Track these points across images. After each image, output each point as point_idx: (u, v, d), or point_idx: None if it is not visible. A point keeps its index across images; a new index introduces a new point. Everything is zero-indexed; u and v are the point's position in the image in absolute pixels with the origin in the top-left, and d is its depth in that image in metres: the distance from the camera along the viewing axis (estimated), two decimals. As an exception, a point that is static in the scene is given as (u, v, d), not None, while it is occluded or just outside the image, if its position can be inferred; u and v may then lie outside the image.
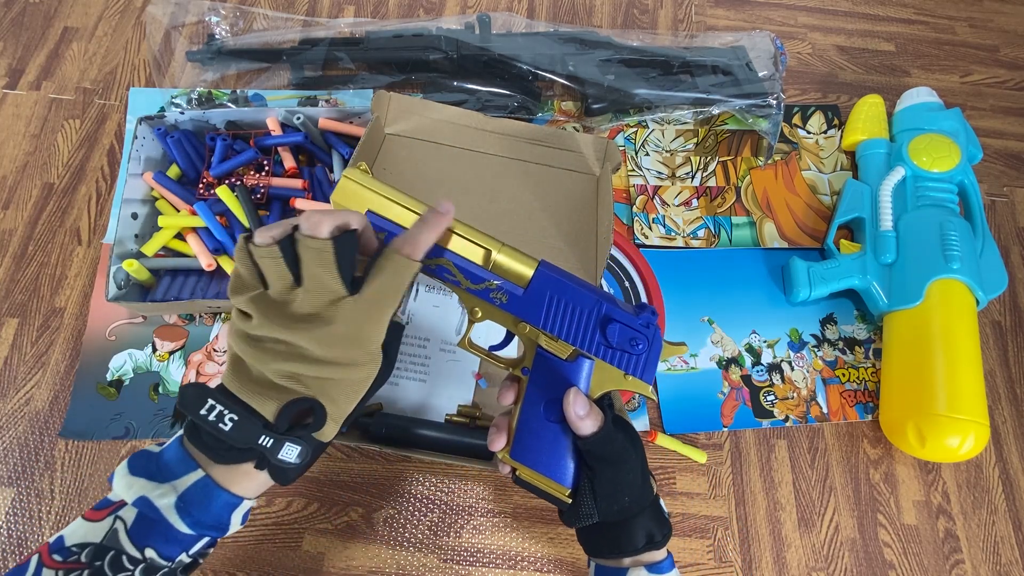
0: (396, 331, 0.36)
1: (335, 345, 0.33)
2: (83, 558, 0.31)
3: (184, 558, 0.34)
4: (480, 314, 0.38)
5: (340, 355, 0.33)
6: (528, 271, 0.36)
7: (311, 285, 0.33)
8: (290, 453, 0.33)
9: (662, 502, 0.40)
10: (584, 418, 0.35)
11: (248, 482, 0.34)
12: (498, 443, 0.38)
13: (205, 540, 0.34)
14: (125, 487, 0.33)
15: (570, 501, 0.37)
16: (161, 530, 0.32)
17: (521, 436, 0.38)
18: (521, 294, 0.36)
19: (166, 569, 0.33)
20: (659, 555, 0.39)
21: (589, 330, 0.35)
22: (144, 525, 0.32)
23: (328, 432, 0.34)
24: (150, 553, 0.32)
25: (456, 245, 0.36)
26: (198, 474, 0.33)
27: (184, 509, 0.32)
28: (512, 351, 0.42)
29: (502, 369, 0.40)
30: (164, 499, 0.32)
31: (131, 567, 0.32)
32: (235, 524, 0.35)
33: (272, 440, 0.32)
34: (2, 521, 0.53)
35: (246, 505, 0.35)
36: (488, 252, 0.36)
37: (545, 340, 0.37)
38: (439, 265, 0.37)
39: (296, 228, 0.33)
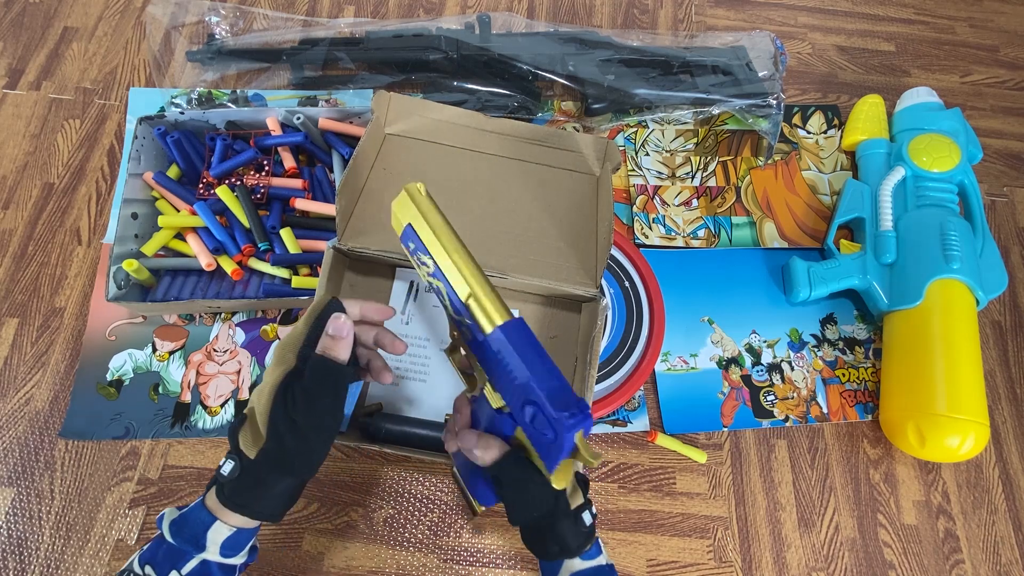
0: (329, 373, 0.38)
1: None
2: None
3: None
4: (457, 337, 0.42)
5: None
6: (489, 326, 0.36)
7: None
8: (225, 466, 0.37)
9: (588, 513, 0.40)
10: (472, 450, 0.38)
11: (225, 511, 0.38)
12: (449, 446, 0.43)
13: (193, 563, 0.38)
14: (164, 517, 0.39)
15: (480, 510, 0.43)
16: (159, 547, 0.38)
17: (458, 452, 0.42)
18: (481, 339, 0.37)
19: None
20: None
21: (515, 399, 0.36)
22: (152, 545, 0.38)
23: (244, 438, 0.37)
24: (148, 570, 0.37)
25: (451, 274, 0.38)
26: (198, 501, 0.39)
27: (176, 525, 0.38)
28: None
29: (465, 383, 0.44)
30: (170, 517, 0.39)
31: None
32: (212, 545, 0.37)
33: (225, 459, 0.38)
34: (2, 521, 0.53)
35: (220, 529, 0.38)
36: (469, 292, 0.37)
37: (488, 386, 0.38)
38: (434, 287, 0.40)
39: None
